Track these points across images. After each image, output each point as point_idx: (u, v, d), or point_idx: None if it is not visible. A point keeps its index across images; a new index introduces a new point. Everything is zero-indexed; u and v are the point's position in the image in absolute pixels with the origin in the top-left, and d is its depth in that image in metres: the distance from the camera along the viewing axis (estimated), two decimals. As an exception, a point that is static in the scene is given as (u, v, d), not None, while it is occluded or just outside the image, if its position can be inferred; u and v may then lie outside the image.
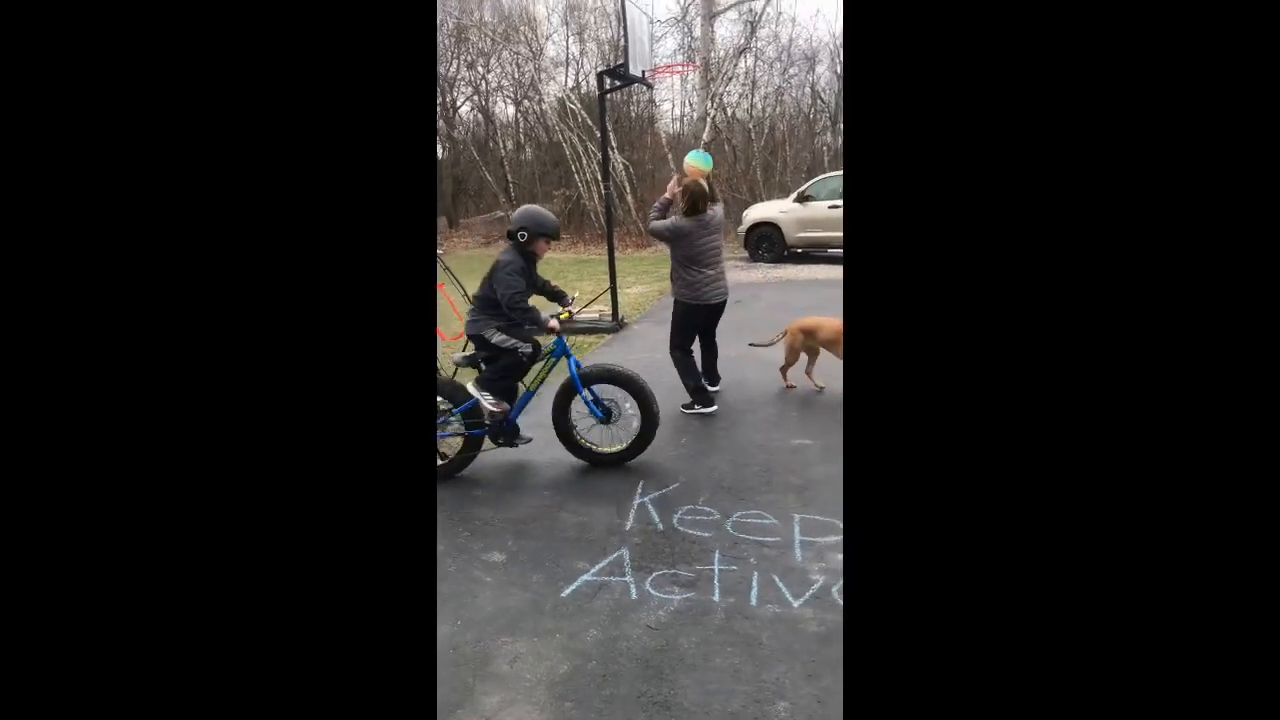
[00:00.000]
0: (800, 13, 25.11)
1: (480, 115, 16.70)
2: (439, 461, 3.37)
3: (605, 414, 3.40)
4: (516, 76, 15.92)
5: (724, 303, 4.19)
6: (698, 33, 14.34)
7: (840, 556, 2.55)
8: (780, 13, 15.12)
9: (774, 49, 15.20)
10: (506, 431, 3.39)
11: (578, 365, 3.34)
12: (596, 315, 6.69)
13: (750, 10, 14.27)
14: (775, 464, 3.41)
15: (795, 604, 2.29)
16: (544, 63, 15.42)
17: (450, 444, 3.39)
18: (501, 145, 16.40)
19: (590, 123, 13.71)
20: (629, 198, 13.87)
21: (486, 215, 16.41)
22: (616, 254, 6.91)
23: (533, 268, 3.29)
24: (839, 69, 15.50)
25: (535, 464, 3.52)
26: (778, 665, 2.00)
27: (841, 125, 15.55)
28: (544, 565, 2.58)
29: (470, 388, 3.27)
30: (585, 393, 3.34)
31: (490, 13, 15.58)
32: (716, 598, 2.34)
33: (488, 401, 3.25)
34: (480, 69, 15.93)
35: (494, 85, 16.38)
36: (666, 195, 4.10)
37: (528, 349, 3.24)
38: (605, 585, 2.44)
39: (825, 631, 2.14)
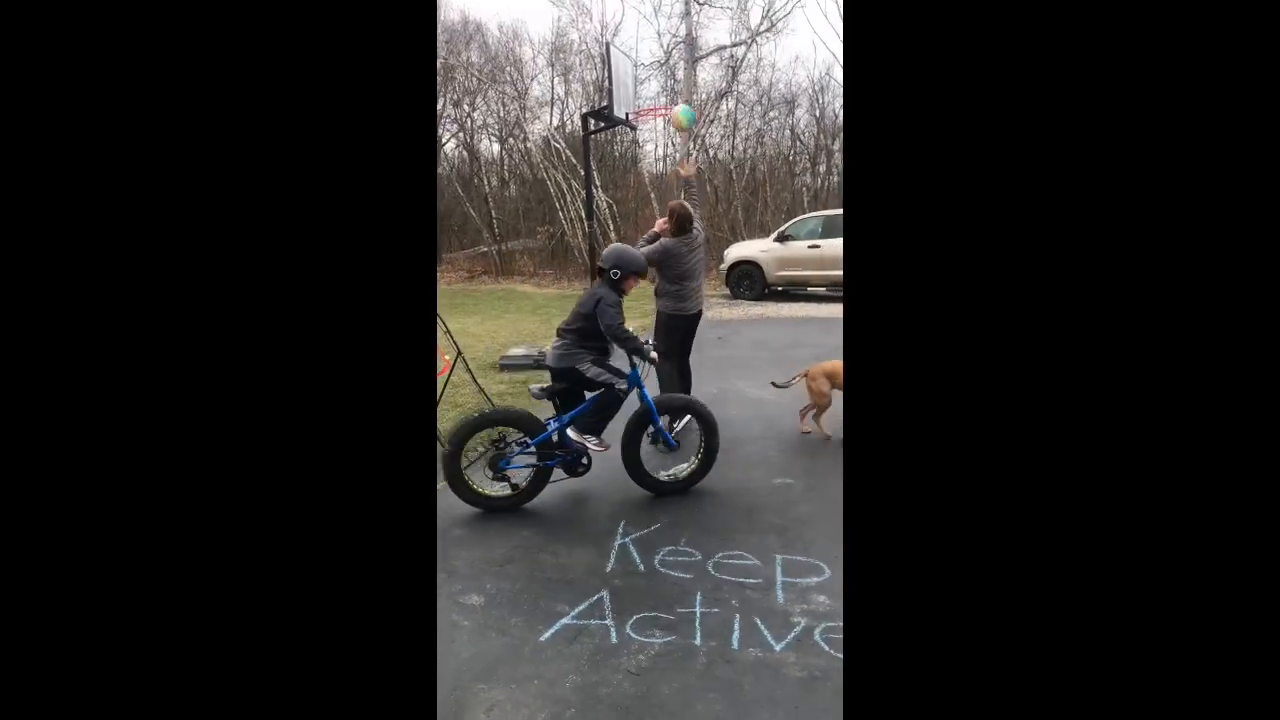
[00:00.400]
0: (780, 59, 25.91)
1: (465, 152, 16.87)
2: (509, 492, 3.37)
3: (676, 442, 3.50)
4: (502, 115, 16.16)
5: (701, 311, 4.36)
6: (680, 76, 14.69)
7: (822, 598, 2.53)
8: (761, 59, 15.56)
9: (754, 93, 15.62)
10: (582, 463, 3.43)
11: (650, 396, 3.43)
12: (579, 351, 6.68)
13: (732, 56, 14.69)
14: (757, 503, 3.39)
15: (777, 648, 2.26)
16: (529, 102, 15.69)
17: (521, 475, 3.39)
18: (486, 182, 16.55)
19: (574, 161, 13.90)
20: (612, 235, 14.00)
21: (470, 250, 16.46)
22: (599, 291, 6.95)
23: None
24: (818, 113, 15.93)
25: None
26: (760, 712, 1.96)
27: (820, 167, 15.91)
28: (522, 608, 2.53)
29: (570, 433, 3.31)
30: (660, 422, 3.42)
31: (477, 53, 15.87)
32: (698, 641, 2.31)
33: (592, 444, 3.32)
34: (466, 107, 16.15)
35: (479, 123, 16.61)
36: (654, 229, 4.28)
37: (623, 384, 3.32)
38: (585, 629, 2.40)
39: (808, 677, 2.11)
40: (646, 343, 3.39)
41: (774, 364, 6.10)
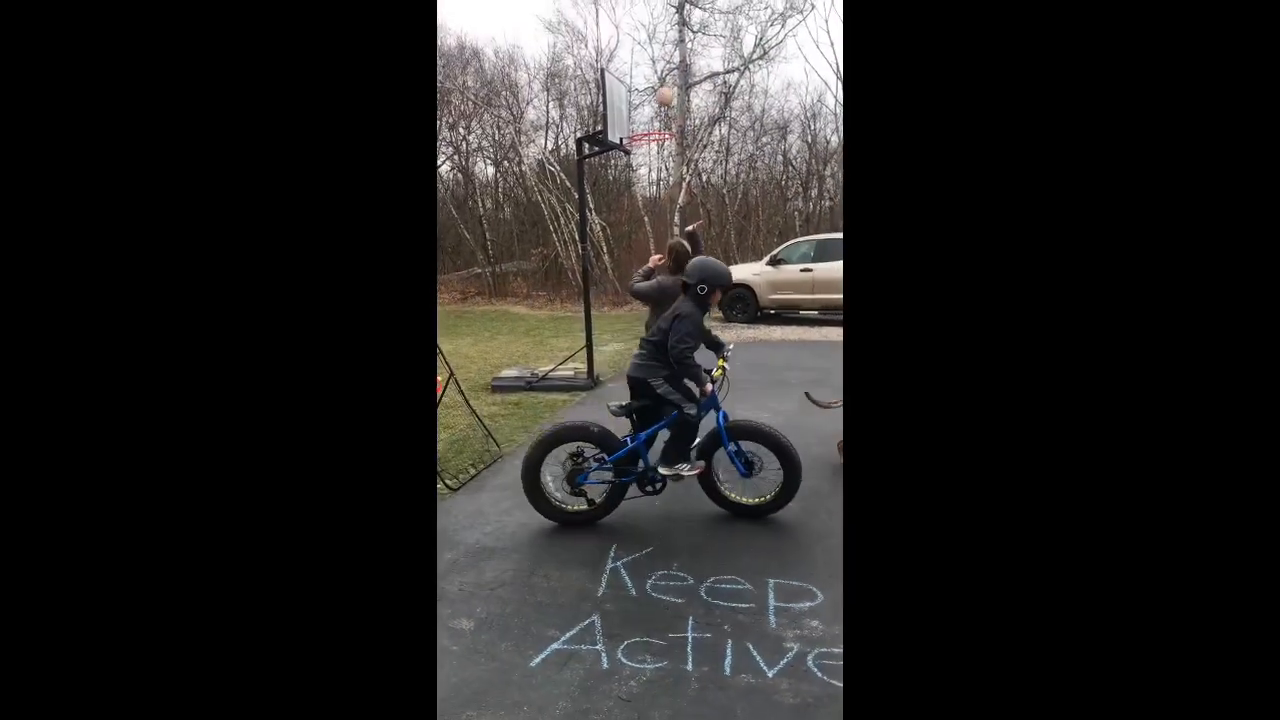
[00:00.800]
0: (773, 85, 26.37)
1: (460, 175, 16.97)
2: (585, 507, 3.39)
3: (747, 467, 3.46)
4: (497, 138, 16.29)
5: None
6: (674, 102, 14.88)
7: (815, 623, 2.51)
8: (754, 85, 15.77)
9: (747, 119, 15.82)
10: (655, 481, 3.43)
11: (726, 418, 3.40)
12: (571, 373, 6.69)
13: (725, 82, 14.91)
14: (751, 527, 3.38)
15: (770, 673, 2.24)
16: (524, 126, 15.83)
17: (598, 490, 3.41)
18: (480, 204, 16.62)
19: (569, 184, 14.00)
20: (605, 258, 14.08)
21: (463, 272, 16.49)
22: (593, 312, 6.98)
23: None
24: (810, 138, 16.14)
25: (507, 526, 3.44)
26: (752, 739, 1.94)
27: (812, 192, 16.08)
28: (513, 633, 2.50)
29: (661, 469, 3.33)
30: (731, 446, 3.39)
31: (473, 78, 16.04)
32: (690, 667, 2.28)
33: (686, 471, 3.33)
34: (461, 130, 16.28)
35: (474, 146, 16.73)
36: (649, 265, 4.28)
37: (691, 409, 3.29)
38: (576, 654, 2.37)
39: (800, 703, 2.09)
40: (709, 373, 3.34)
41: (768, 387, 6.11)
